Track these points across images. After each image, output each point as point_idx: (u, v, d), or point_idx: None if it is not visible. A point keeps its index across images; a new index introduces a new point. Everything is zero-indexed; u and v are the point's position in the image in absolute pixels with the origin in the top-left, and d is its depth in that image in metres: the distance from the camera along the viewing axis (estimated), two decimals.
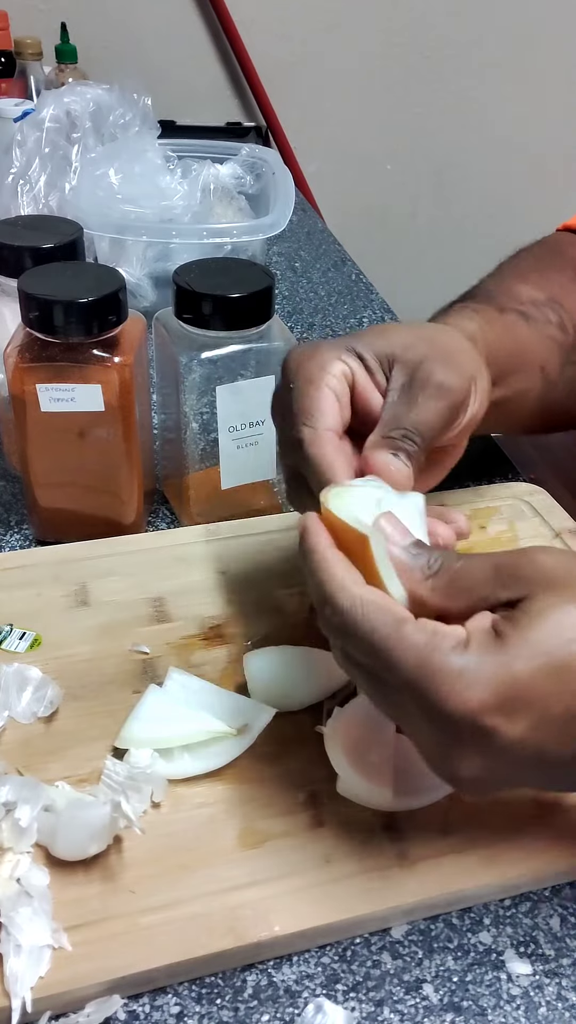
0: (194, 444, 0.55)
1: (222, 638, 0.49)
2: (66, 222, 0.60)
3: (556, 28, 1.78)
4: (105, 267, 0.53)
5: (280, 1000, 0.35)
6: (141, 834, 0.37)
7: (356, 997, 0.35)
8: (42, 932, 0.34)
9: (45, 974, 0.34)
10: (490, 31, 1.76)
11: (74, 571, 0.52)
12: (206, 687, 0.44)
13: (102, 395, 0.50)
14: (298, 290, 0.97)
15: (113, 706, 0.44)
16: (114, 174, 0.81)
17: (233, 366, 0.53)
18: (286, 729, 0.43)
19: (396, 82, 1.78)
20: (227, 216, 0.87)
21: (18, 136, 0.82)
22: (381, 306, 0.94)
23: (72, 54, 1.36)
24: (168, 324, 0.54)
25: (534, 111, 1.87)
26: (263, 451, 0.56)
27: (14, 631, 0.48)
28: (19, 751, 0.42)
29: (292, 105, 1.72)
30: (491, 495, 0.61)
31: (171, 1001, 0.35)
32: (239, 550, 0.55)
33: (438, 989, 0.35)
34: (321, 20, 1.67)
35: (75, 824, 0.36)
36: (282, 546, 0.55)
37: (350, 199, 1.84)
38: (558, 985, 0.36)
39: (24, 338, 0.50)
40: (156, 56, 1.63)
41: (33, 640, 0.48)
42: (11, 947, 0.34)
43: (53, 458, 0.53)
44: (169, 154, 0.89)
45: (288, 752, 0.42)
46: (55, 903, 0.36)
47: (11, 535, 0.58)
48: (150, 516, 0.60)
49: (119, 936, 0.35)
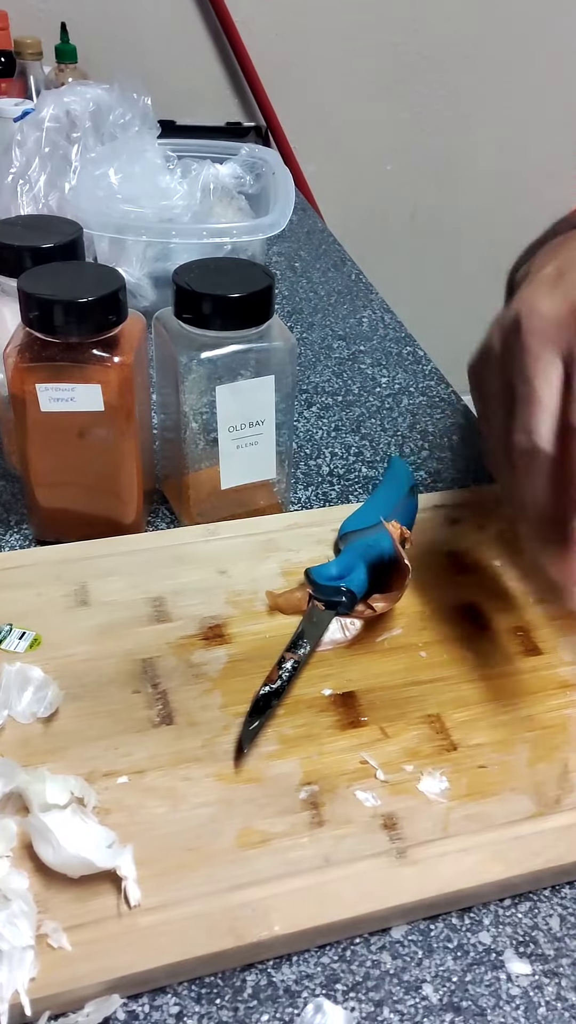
0: (194, 444, 0.55)
1: (222, 638, 0.49)
2: (66, 222, 0.60)
3: (556, 28, 1.78)
4: (105, 267, 0.53)
5: (280, 1000, 0.35)
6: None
7: (356, 997, 0.35)
8: (24, 935, 0.34)
9: (41, 974, 0.33)
10: (490, 31, 1.76)
11: (74, 571, 0.52)
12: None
13: (102, 395, 0.50)
14: (298, 290, 0.97)
15: (113, 706, 0.44)
16: (114, 174, 0.81)
17: (233, 366, 0.53)
18: (286, 729, 0.44)
19: (396, 82, 1.78)
20: (227, 216, 0.87)
21: (18, 136, 0.82)
22: (381, 306, 0.94)
23: (72, 54, 1.36)
24: (168, 324, 0.54)
25: (534, 111, 1.87)
26: (263, 451, 0.56)
27: (14, 631, 0.48)
28: (18, 751, 0.42)
29: (292, 105, 1.72)
30: (491, 495, 0.61)
31: (170, 1001, 0.35)
32: (239, 550, 0.55)
33: (438, 989, 0.35)
34: (321, 20, 1.67)
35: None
36: (282, 546, 0.55)
37: (350, 199, 1.85)
38: (558, 985, 0.36)
39: (24, 338, 0.50)
40: (156, 56, 1.63)
41: (33, 640, 0.48)
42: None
43: (53, 458, 0.53)
44: (169, 154, 0.89)
45: (288, 752, 0.43)
46: (53, 903, 0.36)
47: (11, 535, 0.58)
48: (150, 516, 0.60)
49: (118, 936, 0.35)
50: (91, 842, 0.37)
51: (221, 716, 0.44)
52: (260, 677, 0.46)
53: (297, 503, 0.63)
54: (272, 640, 0.49)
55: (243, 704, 0.45)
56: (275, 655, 0.47)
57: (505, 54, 1.79)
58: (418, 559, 0.53)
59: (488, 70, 1.80)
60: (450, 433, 0.72)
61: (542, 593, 0.51)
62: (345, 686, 0.46)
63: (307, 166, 1.75)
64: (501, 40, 1.77)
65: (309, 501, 0.63)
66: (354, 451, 0.69)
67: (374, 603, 0.49)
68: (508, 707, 0.45)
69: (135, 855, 0.37)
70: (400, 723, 0.44)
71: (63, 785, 0.39)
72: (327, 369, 0.81)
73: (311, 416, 0.73)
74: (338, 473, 0.66)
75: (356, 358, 0.83)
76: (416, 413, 0.75)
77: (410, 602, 0.51)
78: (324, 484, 0.65)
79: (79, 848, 0.36)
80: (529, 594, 0.52)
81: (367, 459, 0.68)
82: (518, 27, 1.76)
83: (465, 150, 1.88)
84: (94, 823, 0.38)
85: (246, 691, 0.45)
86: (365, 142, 1.82)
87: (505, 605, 0.52)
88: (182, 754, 0.42)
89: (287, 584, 0.52)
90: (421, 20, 1.72)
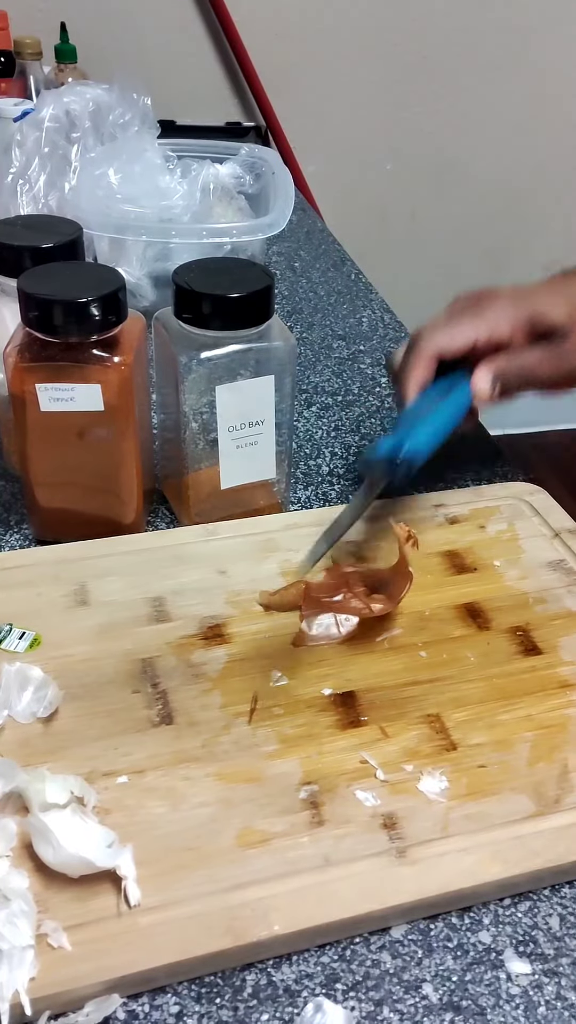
0: (193, 444, 0.55)
1: (221, 638, 0.49)
2: (66, 222, 0.60)
3: (556, 28, 1.78)
4: (105, 267, 0.53)
5: (279, 999, 0.35)
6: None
7: (355, 996, 0.35)
8: (24, 934, 0.34)
9: (41, 974, 0.34)
10: (490, 31, 1.75)
11: (73, 571, 0.52)
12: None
13: (102, 395, 0.50)
14: (298, 290, 0.97)
15: (112, 706, 0.44)
16: (114, 174, 0.81)
17: (232, 366, 0.53)
18: (286, 729, 0.44)
19: (396, 82, 1.78)
20: (227, 216, 0.87)
21: (18, 136, 0.82)
22: (380, 306, 0.94)
23: (72, 54, 1.36)
24: (168, 324, 0.54)
25: (534, 111, 1.87)
26: (262, 451, 0.56)
27: (14, 631, 0.48)
28: (18, 751, 0.42)
29: (292, 105, 1.72)
30: (491, 495, 0.61)
31: (170, 1000, 0.35)
32: (238, 550, 0.55)
33: (437, 988, 0.35)
34: (321, 20, 1.67)
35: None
36: (282, 546, 0.55)
37: (350, 199, 1.84)
38: (557, 985, 0.36)
39: (24, 338, 0.50)
40: (156, 56, 1.63)
41: (33, 640, 0.48)
42: None
43: (53, 458, 0.53)
44: (169, 154, 0.89)
45: (288, 751, 0.43)
46: (53, 902, 0.36)
47: (11, 535, 0.58)
48: (150, 516, 0.60)
49: (118, 936, 0.35)
50: (91, 842, 0.37)
51: (221, 716, 0.44)
52: (260, 677, 0.46)
53: (297, 503, 0.63)
54: (272, 640, 0.49)
55: (243, 704, 0.45)
56: (274, 655, 0.47)
57: (505, 54, 1.79)
58: (418, 559, 0.53)
59: (488, 70, 1.80)
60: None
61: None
62: (345, 686, 0.46)
63: (307, 166, 1.75)
64: (501, 40, 1.77)
65: (309, 501, 0.63)
66: (354, 451, 0.69)
67: (372, 603, 0.49)
68: (508, 707, 0.45)
69: (135, 855, 0.37)
70: (400, 723, 0.44)
71: (63, 785, 0.39)
72: (327, 369, 0.81)
73: (311, 416, 0.74)
74: (338, 473, 0.66)
75: (356, 358, 0.83)
76: None
77: (410, 602, 0.51)
78: (324, 484, 0.65)
79: (79, 848, 0.36)
80: None
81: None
82: (518, 27, 1.76)
83: (465, 150, 1.88)
84: (94, 823, 0.38)
85: (245, 691, 0.45)
86: (365, 142, 1.82)
87: (505, 605, 0.52)
88: (182, 754, 0.42)
89: (286, 584, 0.52)
90: (421, 20, 1.72)
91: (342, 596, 0.49)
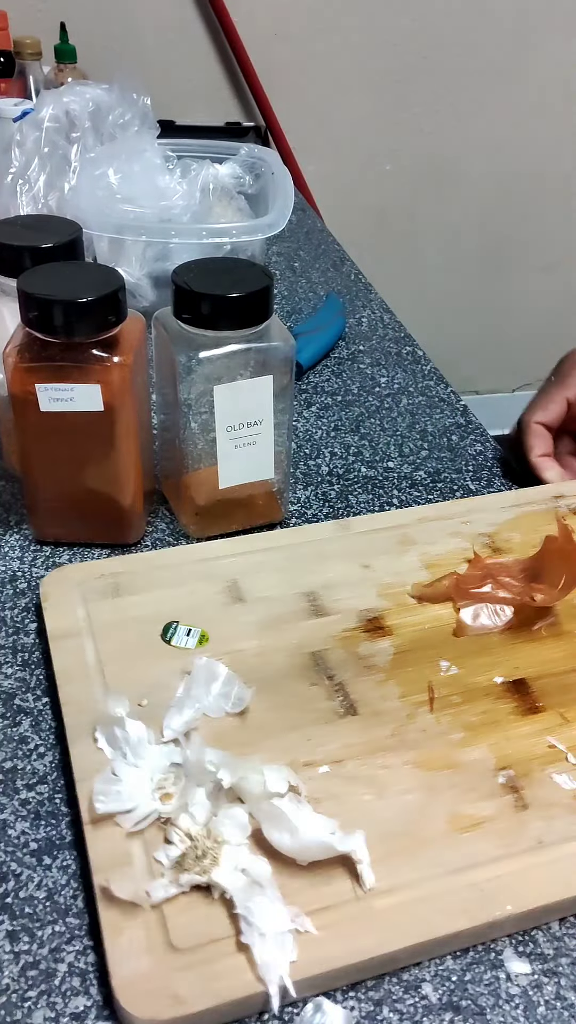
0: (193, 444, 0.56)
1: (383, 630, 0.50)
2: (65, 222, 0.60)
3: (555, 28, 1.78)
4: (104, 267, 0.53)
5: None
6: None
7: (355, 996, 0.35)
8: (281, 918, 0.35)
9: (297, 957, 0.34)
10: (489, 32, 1.76)
11: (220, 568, 0.53)
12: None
13: (101, 395, 0.50)
14: (297, 290, 0.97)
15: (294, 698, 0.45)
16: (113, 174, 0.81)
17: (232, 366, 0.53)
18: (468, 716, 0.45)
19: (396, 82, 1.78)
20: (226, 216, 0.87)
21: (17, 136, 0.82)
22: (380, 306, 0.94)
23: (71, 54, 1.36)
24: (167, 324, 0.54)
25: (534, 111, 1.87)
26: (261, 451, 0.56)
27: (180, 627, 0.49)
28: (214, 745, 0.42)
29: (292, 105, 1.72)
30: None
31: None
32: (376, 545, 0.56)
33: (437, 988, 0.35)
34: (321, 20, 1.67)
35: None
36: (418, 539, 0.56)
37: (350, 199, 1.85)
38: (557, 984, 0.36)
39: (23, 338, 0.50)
40: (156, 56, 1.63)
41: (200, 636, 0.48)
42: (255, 936, 0.34)
43: (53, 458, 0.53)
44: (168, 154, 0.89)
45: (475, 739, 0.43)
46: (288, 888, 0.36)
47: (11, 535, 0.58)
48: (149, 516, 0.60)
49: (358, 919, 0.36)
50: (319, 829, 0.37)
51: (402, 706, 0.45)
52: (429, 667, 0.47)
53: (296, 503, 0.63)
54: (432, 631, 0.50)
55: (419, 694, 0.46)
56: (438, 645, 0.49)
57: (505, 55, 1.79)
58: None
59: (488, 71, 1.80)
60: (449, 433, 0.72)
61: None
62: (514, 673, 0.47)
63: (307, 166, 1.75)
64: (501, 41, 1.77)
65: (308, 501, 0.63)
66: (353, 451, 0.69)
67: (534, 593, 0.50)
68: None
69: None
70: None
71: (279, 774, 0.39)
72: (326, 369, 0.81)
73: (310, 416, 0.74)
74: (337, 473, 0.66)
75: (355, 358, 0.83)
76: (415, 413, 0.75)
77: None
78: (323, 484, 0.65)
79: (316, 833, 0.37)
80: None
81: (366, 459, 0.68)
82: (518, 27, 1.76)
83: (465, 150, 1.88)
84: (310, 811, 0.39)
85: (419, 681, 0.46)
86: (365, 142, 1.82)
87: None
88: (374, 743, 0.43)
89: (431, 576, 0.53)
90: (421, 20, 1.72)
91: (490, 587, 0.51)
